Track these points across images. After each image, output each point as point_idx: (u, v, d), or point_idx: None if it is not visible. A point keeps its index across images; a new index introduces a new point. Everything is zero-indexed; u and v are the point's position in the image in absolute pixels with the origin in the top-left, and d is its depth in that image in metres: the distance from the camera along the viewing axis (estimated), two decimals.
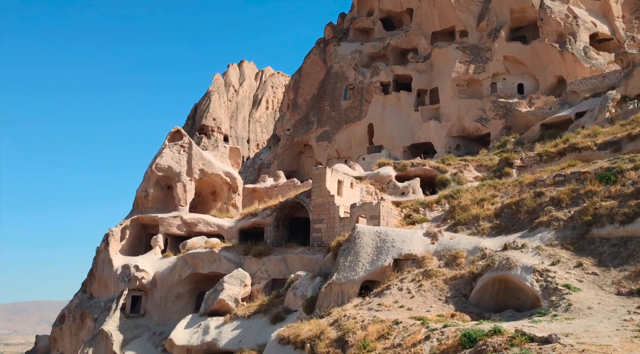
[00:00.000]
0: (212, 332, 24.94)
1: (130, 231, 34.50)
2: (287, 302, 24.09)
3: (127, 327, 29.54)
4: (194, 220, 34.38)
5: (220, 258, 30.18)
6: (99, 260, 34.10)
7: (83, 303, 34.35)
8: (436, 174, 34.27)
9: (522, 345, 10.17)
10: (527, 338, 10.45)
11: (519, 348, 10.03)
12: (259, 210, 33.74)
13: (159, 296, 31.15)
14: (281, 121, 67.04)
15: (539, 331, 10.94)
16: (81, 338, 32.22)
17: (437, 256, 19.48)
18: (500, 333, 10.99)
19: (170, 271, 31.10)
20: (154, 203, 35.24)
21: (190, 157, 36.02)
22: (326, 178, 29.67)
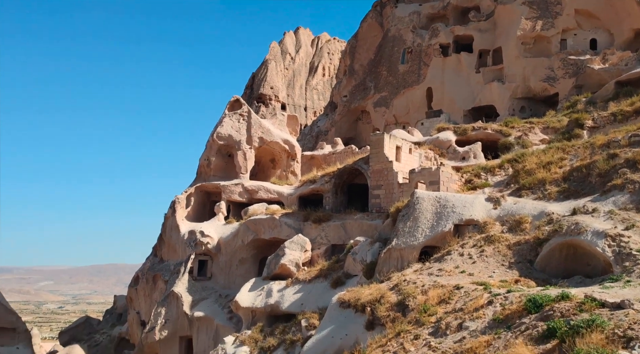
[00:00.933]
0: (274, 295, 25.79)
1: (194, 199, 35.87)
2: (346, 267, 24.41)
3: (195, 289, 31.10)
4: (255, 187, 35.21)
5: (280, 224, 30.87)
6: (167, 226, 35.80)
7: (154, 266, 36.38)
8: (499, 138, 33.04)
9: (592, 311, 9.79)
10: (598, 303, 10.04)
11: (588, 313, 9.66)
12: (318, 177, 34.01)
13: (224, 261, 32.44)
14: (338, 88, 66.50)
15: (610, 297, 10.48)
16: (154, 298, 34.28)
17: (500, 221, 18.94)
18: (569, 299, 10.62)
19: (234, 236, 32.21)
20: (216, 171, 36.32)
21: (249, 125, 36.62)
22: (384, 144, 29.34)
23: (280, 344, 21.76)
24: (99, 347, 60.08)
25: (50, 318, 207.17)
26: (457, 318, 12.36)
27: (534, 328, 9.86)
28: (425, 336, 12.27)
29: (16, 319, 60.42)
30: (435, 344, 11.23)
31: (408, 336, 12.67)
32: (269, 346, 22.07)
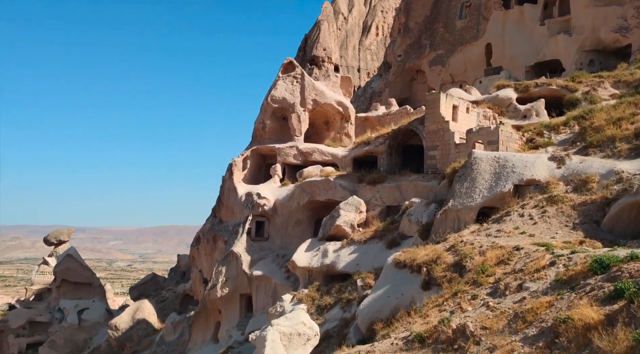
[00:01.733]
0: (330, 255, 26.23)
1: (251, 161, 36.58)
2: (402, 228, 24.35)
3: (254, 249, 32.11)
4: (309, 150, 35.40)
5: (335, 186, 31.04)
6: (225, 188, 36.86)
7: (214, 227, 37.77)
8: (564, 94, 31.28)
9: None
10: None
11: None
12: (372, 139, 33.70)
13: (280, 222, 33.17)
14: (392, 47, 64.77)
15: None
16: (215, 258, 35.75)
17: (564, 181, 18.13)
18: (638, 259, 10.12)
19: (289, 198, 32.75)
20: (271, 134, 36.74)
21: (303, 87, 36.54)
22: (440, 103, 28.52)
23: (337, 302, 22.25)
24: (165, 302, 63.80)
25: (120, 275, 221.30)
26: (516, 278, 12.11)
27: (599, 289, 9.51)
28: (483, 296, 12.13)
29: (91, 275, 65.08)
30: (493, 305, 11.09)
31: (465, 296, 12.58)
32: (326, 304, 22.63)
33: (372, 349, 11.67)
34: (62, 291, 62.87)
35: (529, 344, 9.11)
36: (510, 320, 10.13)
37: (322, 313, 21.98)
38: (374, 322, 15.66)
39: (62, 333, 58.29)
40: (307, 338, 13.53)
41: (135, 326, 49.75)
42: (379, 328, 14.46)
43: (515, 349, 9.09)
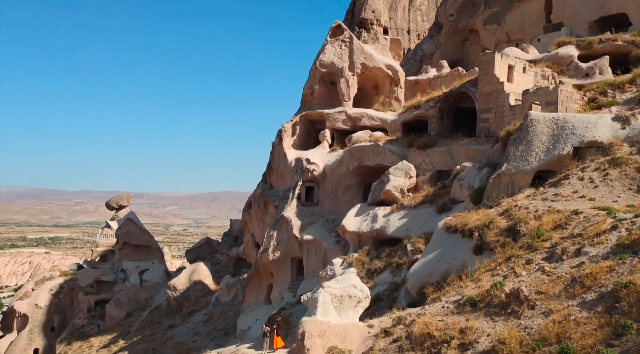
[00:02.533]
0: (380, 220, 26.25)
1: (300, 127, 36.69)
2: (453, 193, 23.96)
3: (304, 214, 32.56)
4: (358, 115, 35.07)
5: (384, 151, 30.75)
6: (274, 154, 37.28)
7: (265, 192, 38.48)
8: (631, 50, 29.25)
9: None
10: None
11: None
12: (422, 102, 32.95)
13: (329, 187, 33.35)
14: (444, 6, 62.24)
15: None
16: (266, 222, 36.57)
17: (629, 142, 17.16)
18: None
19: (338, 164, 32.78)
20: (320, 100, 36.57)
21: (351, 51, 35.93)
22: (495, 63, 27.36)
23: (387, 266, 22.38)
24: (220, 265, 66.27)
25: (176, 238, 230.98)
26: (574, 243, 11.73)
27: None
28: (539, 261, 11.84)
29: (150, 238, 68.27)
30: (549, 269, 10.81)
31: (519, 261, 12.33)
32: (376, 268, 22.81)
33: (423, 312, 11.73)
34: (124, 253, 66.46)
35: (587, 308, 8.87)
36: (567, 285, 9.88)
37: (372, 277, 22.21)
38: (424, 286, 15.68)
39: (125, 292, 61.96)
40: (357, 300, 13.76)
41: (192, 287, 52.10)
42: (430, 292, 14.48)
43: (572, 313, 8.89)
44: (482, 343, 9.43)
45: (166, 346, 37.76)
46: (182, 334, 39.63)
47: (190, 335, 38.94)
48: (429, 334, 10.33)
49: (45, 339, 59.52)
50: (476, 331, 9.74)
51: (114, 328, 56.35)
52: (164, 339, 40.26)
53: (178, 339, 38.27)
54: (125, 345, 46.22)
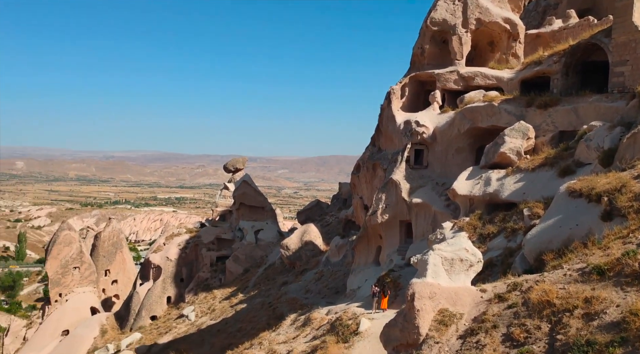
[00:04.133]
0: (493, 184, 25.10)
1: (409, 89, 35.83)
2: (577, 155, 22.10)
3: (413, 177, 32.14)
4: (471, 74, 33.35)
5: (499, 111, 29.06)
6: (383, 117, 36.93)
7: (373, 155, 38.48)
8: None
9: None
10: None
11: None
12: (544, 57, 30.38)
13: (439, 150, 32.44)
14: None
15: None
16: (375, 185, 36.71)
17: None
18: None
19: (449, 125, 31.66)
20: (430, 60, 35.27)
21: (465, 6, 33.94)
22: (633, 10, 24.26)
23: (501, 231, 21.48)
24: (329, 227, 68.23)
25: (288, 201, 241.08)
26: None
27: None
28: None
29: (264, 199, 71.97)
30: None
31: None
32: (489, 233, 22.00)
33: (541, 279, 11.15)
34: (240, 213, 70.96)
35: None
36: None
37: (484, 242, 21.49)
38: (542, 252, 14.85)
39: (243, 250, 66.47)
40: (469, 264, 13.43)
41: (303, 247, 54.40)
42: (549, 259, 13.68)
43: None
44: (610, 313, 8.76)
45: (280, 301, 40.12)
46: (295, 291, 41.80)
47: (302, 292, 40.96)
48: (549, 302, 9.80)
49: (176, 289, 66.22)
50: (604, 301, 9.06)
51: (233, 282, 61.01)
52: (278, 295, 42.80)
53: (291, 295, 40.45)
54: (243, 298, 49.89)
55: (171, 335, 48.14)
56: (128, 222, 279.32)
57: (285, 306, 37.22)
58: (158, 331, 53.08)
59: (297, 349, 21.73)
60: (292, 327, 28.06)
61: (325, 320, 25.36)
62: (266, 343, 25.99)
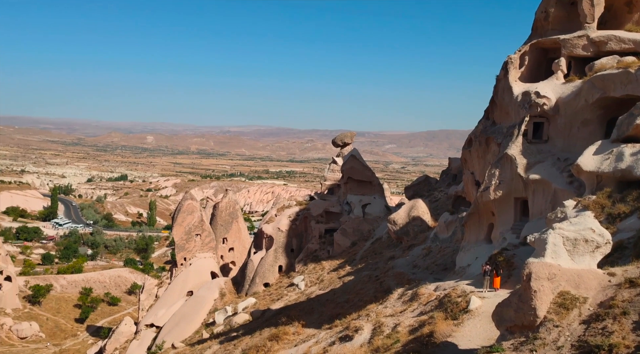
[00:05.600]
0: (626, 159, 22.73)
1: (529, 57, 33.36)
2: None
3: (530, 152, 30.15)
4: (604, 38, 30.13)
5: (636, 79, 26.00)
6: (499, 88, 34.88)
7: (487, 129, 36.65)
8: None
9: None
10: None
11: None
12: None
13: (562, 123, 29.99)
14: None
15: None
16: (488, 160, 35.05)
17: None
18: None
19: (575, 96, 29.07)
20: (555, 24, 32.43)
21: None
22: None
23: (634, 211, 19.51)
24: (437, 202, 66.78)
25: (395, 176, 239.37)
26: None
27: None
28: None
29: (372, 174, 72.14)
30: None
31: None
32: (619, 212, 20.10)
33: None
34: (348, 187, 71.88)
35: None
36: None
37: (613, 222, 19.68)
38: None
39: (350, 223, 67.53)
40: (595, 245, 12.45)
41: (411, 222, 53.85)
42: None
43: None
44: None
45: (387, 275, 40.35)
46: (402, 266, 41.74)
47: (409, 267, 40.79)
48: None
49: (287, 259, 69.40)
50: None
51: (341, 254, 62.43)
52: (385, 269, 43.05)
53: (398, 269, 40.48)
54: (351, 271, 50.93)
55: (282, 302, 50.75)
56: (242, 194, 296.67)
57: (392, 280, 37.37)
58: (270, 298, 56.25)
59: (404, 323, 21.81)
60: (399, 301, 28.15)
61: (433, 296, 25.09)
62: (373, 315, 26.38)
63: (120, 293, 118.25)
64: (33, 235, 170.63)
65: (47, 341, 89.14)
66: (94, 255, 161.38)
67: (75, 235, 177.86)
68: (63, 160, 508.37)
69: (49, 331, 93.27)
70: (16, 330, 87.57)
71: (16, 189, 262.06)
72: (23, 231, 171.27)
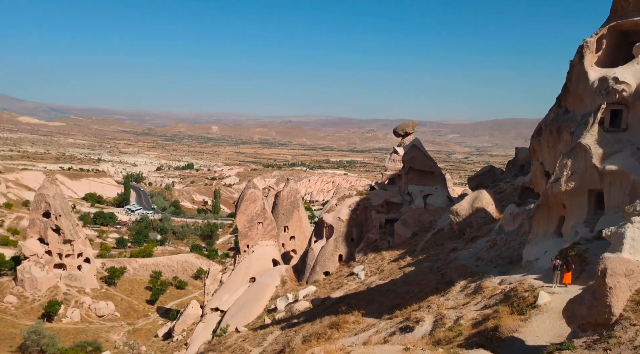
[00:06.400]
0: None
1: (606, 41, 31.33)
2: None
3: (607, 141, 28.45)
4: None
5: None
6: (573, 74, 33.06)
7: (559, 117, 34.90)
8: None
9: None
10: None
11: None
12: None
13: None
14: None
15: None
16: (559, 150, 33.41)
17: None
18: None
19: None
20: (636, 6, 30.21)
21: None
22: None
23: None
24: (503, 194, 64.58)
25: (458, 166, 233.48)
26: None
27: None
28: None
29: (434, 164, 70.80)
30: None
31: None
32: None
33: None
34: (409, 177, 70.93)
35: None
36: None
37: None
38: None
39: (411, 214, 66.73)
40: None
41: (475, 213, 52.44)
42: None
43: None
44: None
45: (450, 267, 39.60)
46: (465, 258, 40.81)
47: (473, 260, 39.81)
48: None
49: (347, 248, 69.69)
50: None
51: (401, 245, 61.90)
52: (447, 261, 42.27)
53: (461, 262, 39.62)
54: (411, 261, 50.41)
55: (342, 291, 51.10)
56: (303, 183, 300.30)
57: (455, 273, 36.65)
58: (330, 286, 56.79)
59: (467, 316, 21.38)
60: (462, 294, 27.59)
61: (497, 290, 24.40)
62: (434, 307, 26.04)
63: (187, 277, 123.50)
64: (108, 220, 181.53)
65: (122, 320, 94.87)
66: (163, 240, 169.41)
67: (145, 221, 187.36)
68: (134, 149, 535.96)
69: (123, 310, 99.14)
70: (94, 309, 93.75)
71: (93, 177, 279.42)
72: (99, 216, 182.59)
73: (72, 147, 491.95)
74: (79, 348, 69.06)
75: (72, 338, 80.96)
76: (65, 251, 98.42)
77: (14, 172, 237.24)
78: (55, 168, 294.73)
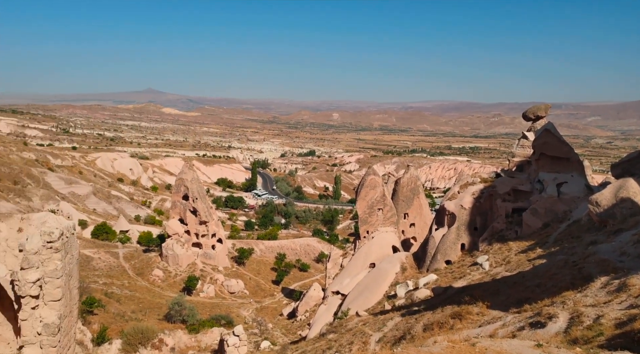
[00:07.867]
0: None
1: None
2: None
3: None
4: None
5: None
6: None
7: None
8: None
9: None
10: None
11: None
12: None
13: None
14: None
15: None
16: None
17: None
18: None
19: None
20: None
21: None
22: None
23: None
24: None
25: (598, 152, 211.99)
26: None
27: None
28: None
29: (569, 150, 65.03)
30: None
31: None
32: None
33: None
34: (540, 164, 65.91)
35: None
36: None
37: None
38: None
39: (542, 203, 62.10)
40: None
41: (618, 204, 47.25)
42: None
43: None
44: None
45: (587, 261, 36.25)
46: (607, 252, 37.03)
47: (616, 254, 36.00)
48: None
49: (470, 237, 67.10)
50: None
51: (530, 235, 57.98)
52: (585, 254, 38.72)
53: (602, 256, 36.04)
54: (542, 254, 47.04)
55: (465, 280, 49.39)
56: (424, 170, 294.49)
57: (594, 268, 33.45)
58: (452, 275, 55.19)
59: (609, 315, 19.43)
60: (603, 291, 25.12)
61: None
62: (570, 303, 24.05)
63: (309, 260, 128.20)
64: (238, 204, 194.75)
65: (250, 298, 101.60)
66: (287, 224, 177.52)
67: (271, 205, 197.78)
68: (261, 137, 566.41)
69: (251, 289, 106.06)
70: (227, 286, 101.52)
71: (224, 163, 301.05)
72: (230, 200, 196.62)
73: (206, 135, 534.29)
74: (214, 321, 75.32)
75: (208, 311, 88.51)
76: (201, 231, 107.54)
77: (159, 159, 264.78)
78: (192, 155, 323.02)
